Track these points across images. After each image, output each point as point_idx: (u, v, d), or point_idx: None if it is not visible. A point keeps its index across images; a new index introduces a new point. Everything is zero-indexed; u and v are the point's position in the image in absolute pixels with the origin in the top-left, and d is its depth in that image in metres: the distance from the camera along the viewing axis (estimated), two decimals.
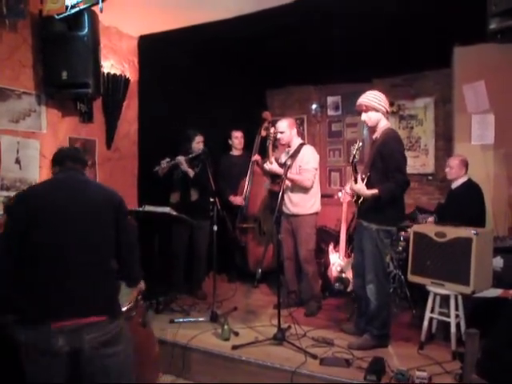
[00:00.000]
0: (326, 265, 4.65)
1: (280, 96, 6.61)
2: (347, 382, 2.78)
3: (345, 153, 6.21)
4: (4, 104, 3.32)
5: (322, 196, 4.27)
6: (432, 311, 3.35)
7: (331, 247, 4.69)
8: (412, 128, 5.62)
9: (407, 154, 5.30)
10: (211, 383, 3.25)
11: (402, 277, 4.11)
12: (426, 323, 3.26)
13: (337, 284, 4.49)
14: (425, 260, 3.23)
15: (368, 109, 3.23)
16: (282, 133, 4.12)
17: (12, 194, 3.22)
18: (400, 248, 4.20)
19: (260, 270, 3.36)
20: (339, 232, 4.72)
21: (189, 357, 3.36)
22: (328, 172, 6.40)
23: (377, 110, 3.22)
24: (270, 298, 4.56)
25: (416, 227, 3.39)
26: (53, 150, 3.64)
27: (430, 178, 5.49)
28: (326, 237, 5.20)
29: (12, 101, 3.36)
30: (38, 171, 3.56)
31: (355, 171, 3.15)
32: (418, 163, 5.57)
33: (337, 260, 4.58)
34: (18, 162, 3.40)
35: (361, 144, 3.14)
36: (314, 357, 3.09)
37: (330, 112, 6.31)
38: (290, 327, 3.59)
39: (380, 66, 5.20)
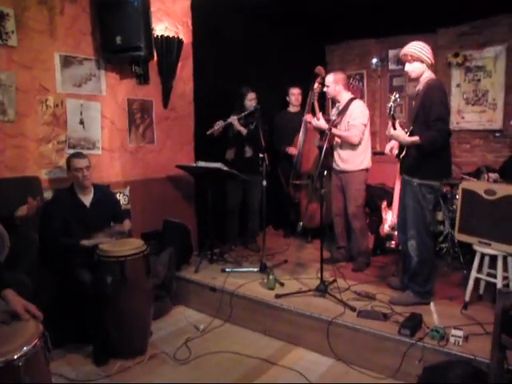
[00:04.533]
0: (380, 222, 4.62)
1: (339, 51, 6.41)
2: (380, 334, 2.87)
3: (406, 109, 5.94)
4: (68, 70, 3.63)
5: (381, 154, 4.18)
6: (480, 271, 3.27)
7: (384, 205, 4.64)
8: (479, 80, 5.21)
9: (472, 108, 4.95)
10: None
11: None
12: (471, 282, 3.19)
13: (387, 241, 4.48)
14: (472, 218, 3.13)
15: (413, 59, 3.09)
16: (327, 87, 4.08)
17: (78, 151, 3.56)
18: (454, 206, 4.07)
19: (301, 223, 3.44)
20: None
21: (235, 303, 3.61)
22: None
23: (422, 61, 3.07)
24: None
25: (465, 184, 3.26)
26: (113, 110, 3.98)
27: (498, 134, 5.11)
28: (382, 194, 5.13)
29: (74, 67, 3.67)
30: (99, 131, 3.88)
31: (393, 118, 3.04)
32: (484, 118, 5.20)
33: (389, 217, 4.55)
34: (81, 122, 3.74)
35: (397, 96, 3.02)
36: (353, 309, 3.18)
37: (392, 66, 6.01)
38: (334, 281, 3.68)
39: (445, 14, 4.83)
